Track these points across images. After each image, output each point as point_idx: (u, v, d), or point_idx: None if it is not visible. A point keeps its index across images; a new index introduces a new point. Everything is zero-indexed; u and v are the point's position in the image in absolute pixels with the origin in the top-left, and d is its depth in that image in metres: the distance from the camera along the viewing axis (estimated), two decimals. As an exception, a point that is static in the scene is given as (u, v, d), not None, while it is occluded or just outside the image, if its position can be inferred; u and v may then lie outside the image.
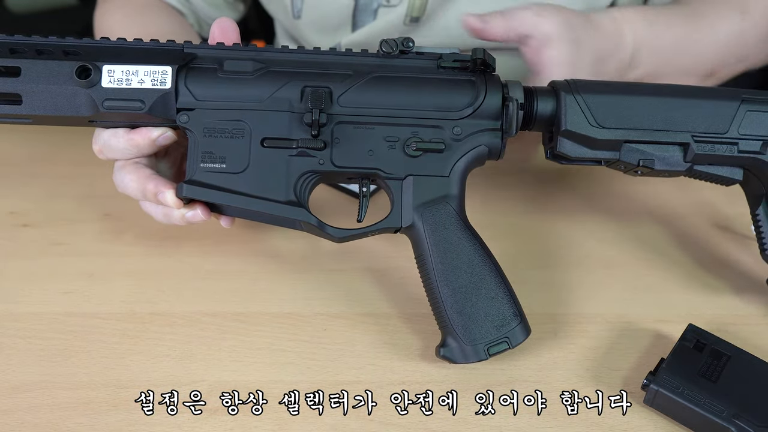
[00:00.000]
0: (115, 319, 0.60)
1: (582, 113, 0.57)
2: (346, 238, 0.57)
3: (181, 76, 0.55)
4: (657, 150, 0.57)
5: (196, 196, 0.55)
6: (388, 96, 0.56)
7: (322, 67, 0.56)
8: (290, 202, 0.55)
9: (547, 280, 0.64)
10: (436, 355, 0.56)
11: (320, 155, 0.55)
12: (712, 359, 0.54)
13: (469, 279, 0.54)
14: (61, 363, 0.57)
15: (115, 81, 0.54)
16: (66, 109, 0.55)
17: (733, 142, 0.57)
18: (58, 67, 0.54)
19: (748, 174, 0.59)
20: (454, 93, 0.57)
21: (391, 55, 0.57)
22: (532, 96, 0.58)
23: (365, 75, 0.56)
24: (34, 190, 0.72)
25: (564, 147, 0.57)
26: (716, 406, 0.50)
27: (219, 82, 0.55)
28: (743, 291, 0.62)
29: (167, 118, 0.55)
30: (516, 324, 0.54)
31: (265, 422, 0.53)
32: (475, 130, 0.56)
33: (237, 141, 0.55)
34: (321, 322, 0.60)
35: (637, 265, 0.66)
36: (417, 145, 0.56)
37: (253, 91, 0.55)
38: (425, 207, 0.56)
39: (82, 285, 0.63)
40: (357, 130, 0.56)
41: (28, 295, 0.62)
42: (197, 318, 0.60)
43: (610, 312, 0.61)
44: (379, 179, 0.57)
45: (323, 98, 0.54)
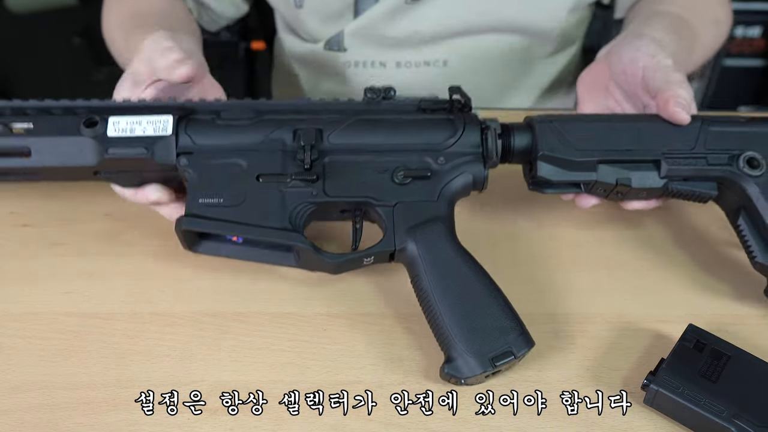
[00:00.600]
0: (115, 319, 0.60)
1: (557, 138, 0.60)
2: (342, 264, 0.58)
3: (181, 125, 0.59)
4: (631, 168, 0.60)
5: (195, 228, 0.57)
6: (375, 133, 0.60)
7: (313, 112, 0.61)
8: (285, 229, 0.57)
9: (547, 280, 0.64)
10: (440, 376, 0.55)
11: (313, 187, 0.58)
12: (712, 359, 0.54)
13: (466, 295, 0.55)
14: (61, 363, 0.57)
15: (120, 130, 0.58)
16: (73, 159, 0.58)
17: (702, 156, 0.60)
18: (67, 121, 0.59)
19: (723, 189, 0.61)
20: (435, 129, 0.60)
21: (375, 100, 0.61)
22: (509, 130, 0.61)
23: (352, 116, 0.60)
24: (35, 190, 0.72)
25: (543, 170, 0.60)
26: (716, 406, 0.50)
27: (217, 129, 0.59)
28: (743, 291, 0.62)
29: (168, 162, 0.58)
30: (517, 334, 0.54)
31: (265, 422, 0.53)
32: (458, 159, 0.60)
33: (233, 178, 0.58)
34: (321, 322, 0.60)
35: (637, 265, 0.66)
36: (405, 172, 0.58)
37: (248, 136, 0.59)
38: (417, 228, 0.57)
39: (82, 285, 0.63)
40: (347, 164, 0.59)
41: (28, 295, 0.62)
42: (197, 318, 0.60)
43: (610, 312, 0.61)
44: (370, 208, 0.59)
45: (314, 135, 0.58)
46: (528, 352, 0.54)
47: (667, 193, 0.61)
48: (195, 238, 0.59)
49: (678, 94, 0.60)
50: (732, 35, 1.46)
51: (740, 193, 0.60)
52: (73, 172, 0.60)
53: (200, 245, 0.60)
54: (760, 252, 0.59)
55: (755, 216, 0.59)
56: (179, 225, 0.57)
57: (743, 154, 0.60)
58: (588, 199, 0.63)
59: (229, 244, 0.60)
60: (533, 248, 0.67)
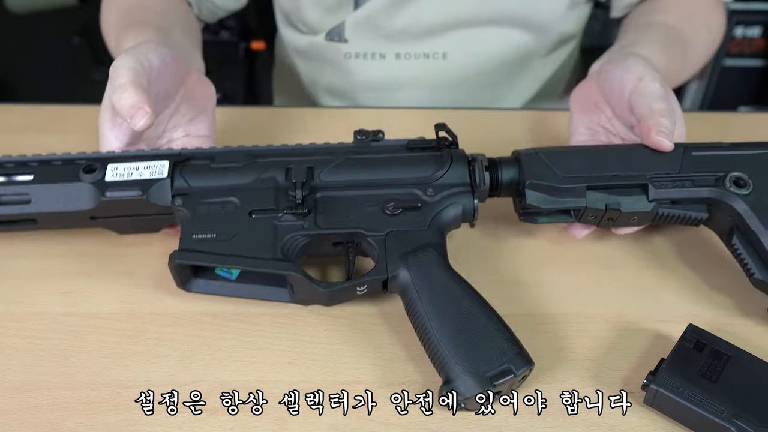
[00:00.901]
0: (115, 319, 0.60)
1: (543, 167, 0.62)
2: (335, 294, 0.58)
3: (177, 169, 0.61)
4: (619, 193, 0.61)
5: (187, 261, 0.58)
6: (365, 170, 0.62)
7: (304, 154, 0.63)
8: (277, 259, 0.57)
9: (547, 280, 0.64)
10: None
11: (305, 220, 0.59)
12: (712, 359, 0.54)
13: (461, 317, 0.54)
14: (61, 363, 0.57)
15: (118, 175, 0.60)
16: (71, 204, 0.60)
17: (688, 179, 0.61)
18: (66, 169, 0.61)
19: (713, 211, 0.62)
20: (424, 164, 0.62)
21: (364, 141, 0.63)
22: (497, 164, 0.63)
23: (342, 156, 0.62)
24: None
25: (531, 198, 0.61)
26: (716, 406, 0.50)
27: (211, 172, 0.61)
28: (743, 291, 0.62)
29: (163, 203, 0.60)
30: (515, 354, 0.53)
31: (265, 422, 0.53)
32: (447, 191, 0.61)
33: (226, 215, 0.59)
34: (321, 322, 0.60)
35: (637, 265, 0.66)
36: (395, 203, 0.60)
37: (241, 176, 0.61)
38: (409, 254, 0.57)
39: (82, 285, 0.63)
40: (338, 199, 0.60)
41: (28, 295, 0.62)
42: (197, 318, 0.60)
43: (610, 312, 0.61)
44: (362, 239, 0.59)
45: (306, 173, 0.59)
46: (529, 372, 0.53)
47: (658, 218, 0.62)
48: (188, 275, 0.60)
49: (660, 123, 0.61)
50: (732, 35, 1.46)
51: (731, 213, 0.60)
52: (71, 217, 0.61)
53: (193, 283, 0.60)
54: (758, 269, 0.59)
55: (748, 233, 0.59)
56: (172, 260, 0.58)
57: (729, 174, 0.61)
58: (581, 229, 0.65)
59: (222, 281, 0.60)
60: (533, 248, 0.67)
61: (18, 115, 0.86)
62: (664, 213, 0.61)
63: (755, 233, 0.59)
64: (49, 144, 0.80)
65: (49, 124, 0.84)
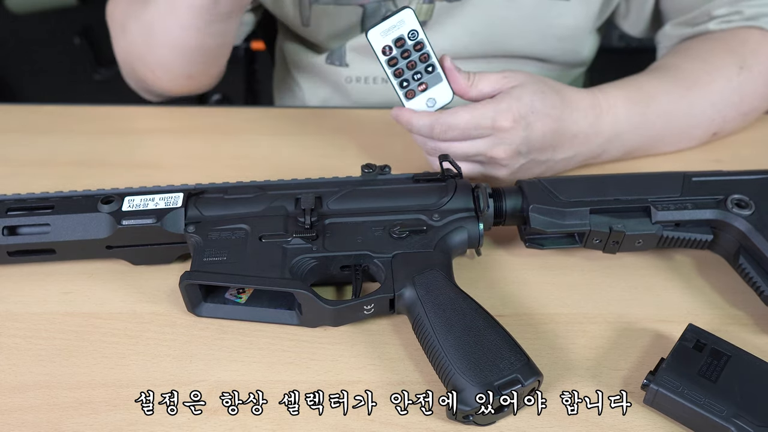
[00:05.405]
0: (115, 319, 0.60)
1: (546, 194, 0.63)
2: (342, 312, 0.58)
3: (191, 200, 0.63)
4: (623, 216, 0.62)
5: (197, 280, 0.59)
6: (372, 199, 0.64)
7: (313, 186, 0.65)
8: (285, 278, 0.58)
9: (546, 280, 0.64)
10: (447, 415, 0.52)
11: (313, 244, 0.60)
12: (712, 359, 0.54)
13: (468, 330, 0.54)
14: (61, 363, 0.57)
15: (134, 206, 0.63)
16: (88, 232, 0.62)
17: (690, 200, 0.62)
18: (85, 201, 0.63)
19: (717, 233, 0.62)
20: (429, 193, 0.64)
21: (371, 173, 0.66)
22: (500, 193, 0.64)
23: (350, 187, 0.65)
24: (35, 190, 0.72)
25: (535, 222, 0.62)
26: (716, 406, 0.50)
27: (223, 202, 0.63)
28: (743, 291, 0.62)
29: (176, 230, 0.62)
30: (522, 364, 0.52)
31: (265, 422, 0.53)
32: (452, 216, 0.62)
33: (237, 240, 0.61)
34: (321, 322, 0.60)
35: (637, 265, 0.66)
36: (401, 227, 0.61)
37: (252, 205, 0.63)
38: (415, 274, 0.58)
39: (82, 285, 0.63)
40: (346, 225, 0.62)
41: (28, 295, 0.62)
42: (197, 318, 0.60)
43: (610, 312, 0.61)
44: (369, 261, 0.60)
45: (314, 201, 0.62)
46: (538, 384, 0.53)
47: (663, 241, 0.62)
48: (199, 299, 0.60)
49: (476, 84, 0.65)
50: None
51: (735, 233, 0.61)
52: (88, 246, 0.63)
53: (203, 307, 0.60)
54: None
55: (754, 251, 0.60)
56: (182, 280, 0.58)
57: (730, 197, 0.61)
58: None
59: (231, 305, 0.60)
60: (533, 248, 0.67)
61: (18, 115, 0.86)
62: (669, 236, 0.62)
63: (761, 251, 0.59)
64: (49, 144, 0.80)
65: (49, 124, 0.84)
